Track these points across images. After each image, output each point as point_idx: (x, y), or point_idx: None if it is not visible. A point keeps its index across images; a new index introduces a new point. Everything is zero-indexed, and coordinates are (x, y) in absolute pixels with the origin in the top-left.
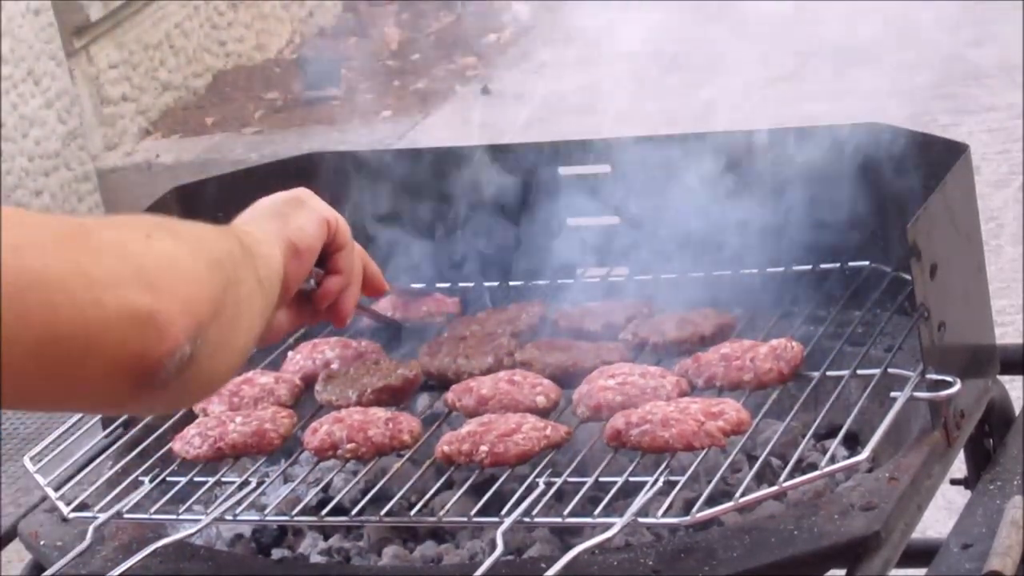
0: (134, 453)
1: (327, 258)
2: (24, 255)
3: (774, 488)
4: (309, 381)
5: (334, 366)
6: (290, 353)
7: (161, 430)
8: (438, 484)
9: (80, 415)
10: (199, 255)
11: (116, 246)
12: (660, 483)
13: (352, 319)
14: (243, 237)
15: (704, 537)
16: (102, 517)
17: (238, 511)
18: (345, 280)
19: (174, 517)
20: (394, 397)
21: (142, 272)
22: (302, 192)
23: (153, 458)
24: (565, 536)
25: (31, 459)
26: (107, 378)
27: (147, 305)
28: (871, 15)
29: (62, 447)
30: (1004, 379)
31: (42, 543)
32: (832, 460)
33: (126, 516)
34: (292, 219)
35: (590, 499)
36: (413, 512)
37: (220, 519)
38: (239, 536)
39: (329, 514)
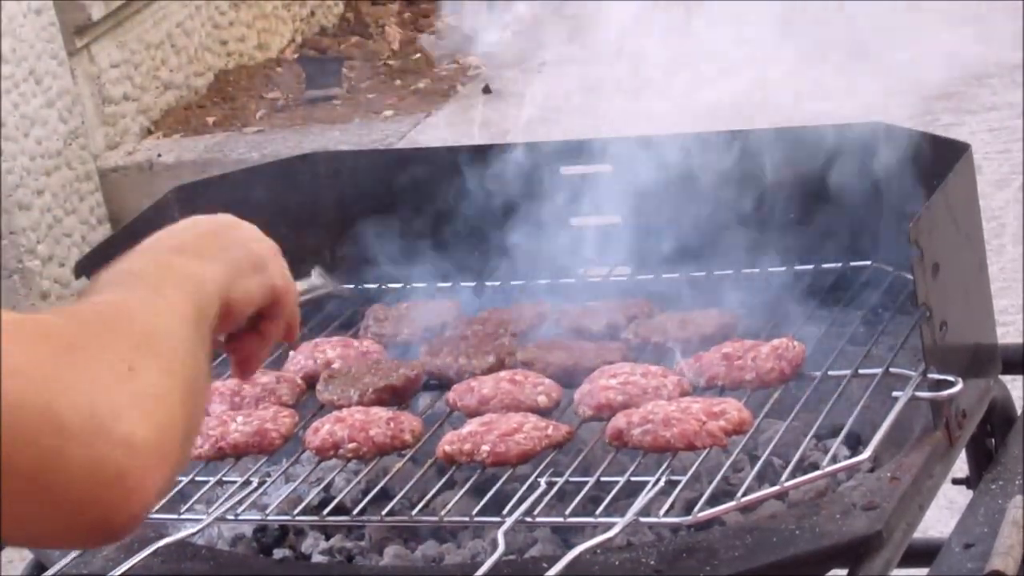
0: None
1: (254, 317)
2: (5, 383)
3: (776, 488)
4: (311, 380)
5: (335, 365)
6: (292, 352)
7: None
8: (439, 484)
9: None
10: (178, 380)
11: (96, 382)
12: (662, 483)
13: None
14: (202, 301)
15: (706, 537)
16: None
17: (239, 511)
18: (262, 344)
19: (175, 517)
20: (395, 396)
21: (119, 421)
22: (269, 251)
23: None
24: (567, 536)
25: None
26: (64, 528)
27: (119, 465)
28: (871, 14)
29: None
30: (1006, 379)
31: None
32: (834, 460)
33: None
34: (245, 280)
35: (591, 499)
36: (414, 512)
37: (221, 519)
38: (240, 536)
39: (330, 514)
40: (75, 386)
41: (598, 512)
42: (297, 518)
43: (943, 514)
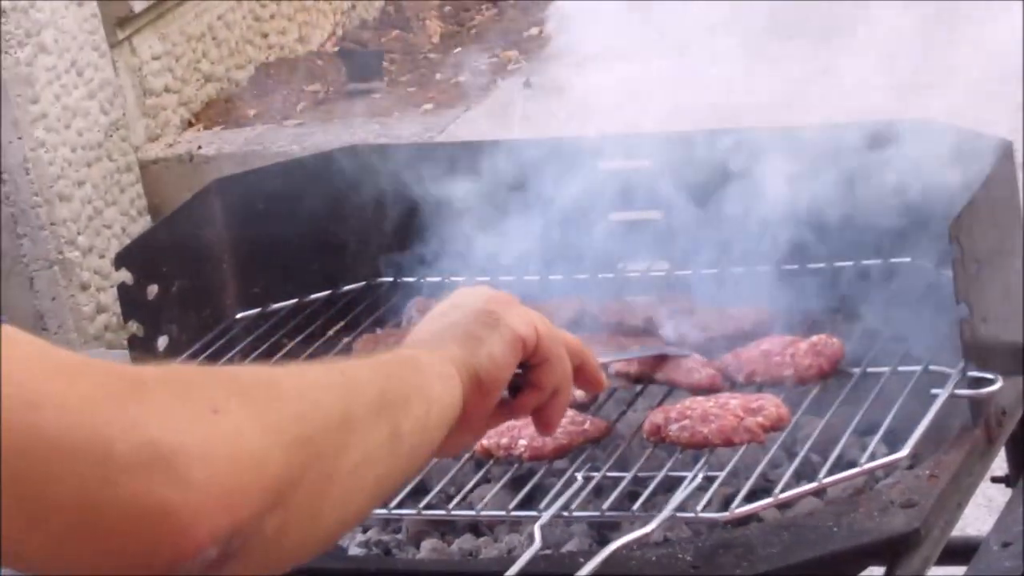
0: None
1: (527, 370)
2: (43, 414)
3: (813, 485)
4: None
5: None
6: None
7: None
8: (476, 478)
9: None
10: (278, 433)
11: (162, 418)
12: (699, 479)
13: None
14: (409, 376)
15: (743, 533)
16: None
17: None
18: (541, 396)
19: None
20: None
21: (179, 456)
22: (499, 304)
23: None
24: (603, 531)
25: None
26: (109, 566)
27: (166, 501)
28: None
29: None
30: None
31: None
32: (872, 457)
33: None
34: (483, 344)
35: (628, 494)
36: (451, 505)
37: None
38: None
39: None
40: (136, 418)
41: (635, 508)
42: None
43: (981, 512)
